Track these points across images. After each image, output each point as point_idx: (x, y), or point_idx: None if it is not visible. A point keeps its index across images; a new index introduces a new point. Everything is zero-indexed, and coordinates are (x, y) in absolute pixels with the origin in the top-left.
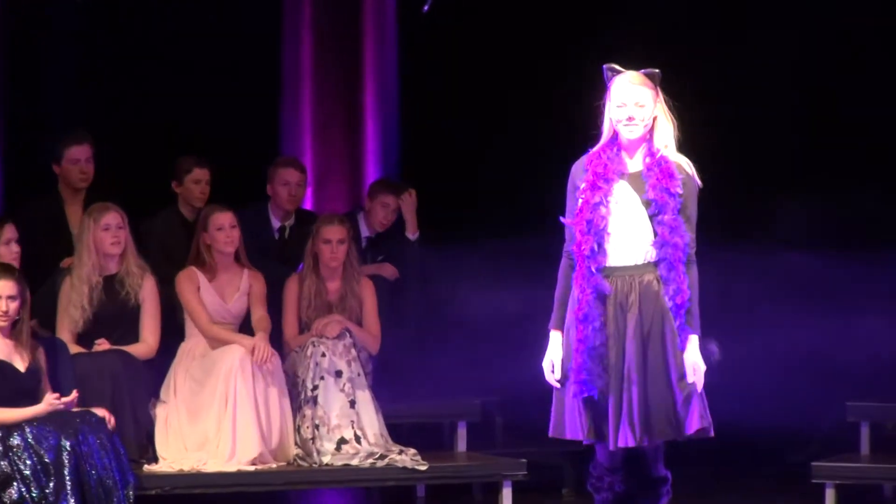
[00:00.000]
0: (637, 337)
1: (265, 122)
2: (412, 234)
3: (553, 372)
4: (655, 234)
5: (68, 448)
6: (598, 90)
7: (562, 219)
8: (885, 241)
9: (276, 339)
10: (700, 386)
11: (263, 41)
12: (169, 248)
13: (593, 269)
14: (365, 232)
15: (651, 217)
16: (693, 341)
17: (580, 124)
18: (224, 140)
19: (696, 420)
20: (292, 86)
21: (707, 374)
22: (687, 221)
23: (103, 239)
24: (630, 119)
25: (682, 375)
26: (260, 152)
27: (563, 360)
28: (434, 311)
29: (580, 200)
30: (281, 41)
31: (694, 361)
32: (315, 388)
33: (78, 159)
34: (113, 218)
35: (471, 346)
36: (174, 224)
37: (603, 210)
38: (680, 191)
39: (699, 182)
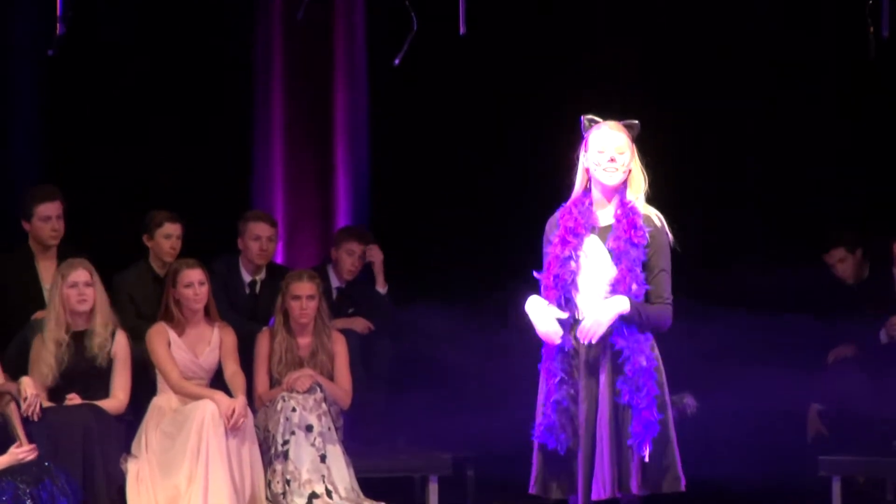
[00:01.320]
0: (608, 389)
1: (236, 174)
2: (381, 287)
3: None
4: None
5: (28, 495)
6: (572, 144)
7: (535, 273)
8: (850, 307)
9: (248, 394)
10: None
11: (235, 94)
12: (139, 302)
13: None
14: (335, 283)
15: (615, 265)
16: (616, 302)
17: (553, 178)
18: (195, 193)
19: (668, 474)
20: (263, 139)
21: (681, 427)
22: (658, 275)
23: (70, 296)
24: (611, 161)
25: (637, 435)
26: (231, 205)
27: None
28: (405, 364)
29: (549, 255)
30: (252, 94)
31: (598, 314)
32: (286, 442)
33: (49, 216)
34: (81, 275)
35: (442, 399)
36: (145, 278)
37: (572, 265)
38: (644, 241)
39: (670, 235)
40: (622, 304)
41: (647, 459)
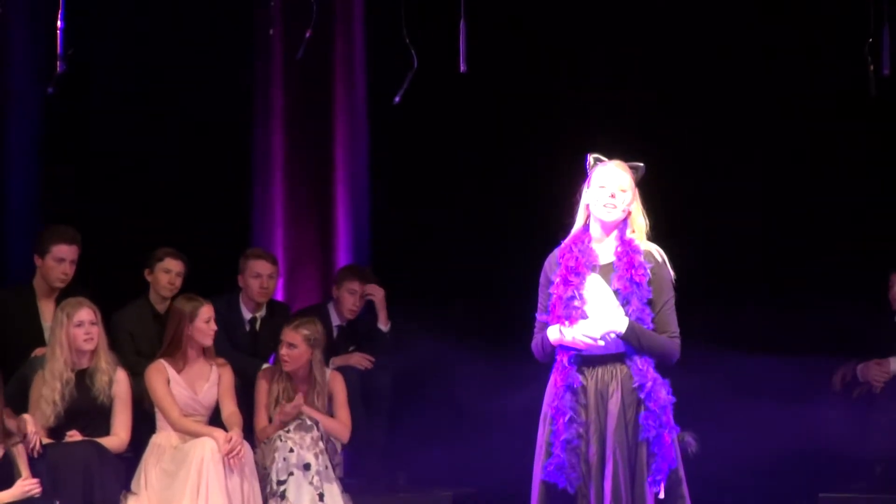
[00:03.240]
0: (620, 427)
1: (236, 212)
2: (384, 325)
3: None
4: None
5: None
6: (573, 181)
7: (538, 315)
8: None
9: (248, 432)
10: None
11: (235, 131)
12: (138, 339)
13: (566, 362)
14: (336, 321)
15: (623, 306)
16: (613, 321)
17: (555, 216)
18: (195, 230)
19: None
20: (263, 176)
21: (685, 461)
22: (662, 310)
23: (76, 335)
24: (612, 196)
25: (659, 470)
26: (231, 243)
27: (540, 449)
28: (406, 401)
29: (553, 296)
30: (252, 131)
31: (590, 329)
32: (282, 482)
33: (63, 258)
34: (86, 314)
35: (443, 435)
36: (145, 316)
37: (576, 303)
38: (646, 278)
39: (672, 272)
40: (619, 324)
41: (661, 496)
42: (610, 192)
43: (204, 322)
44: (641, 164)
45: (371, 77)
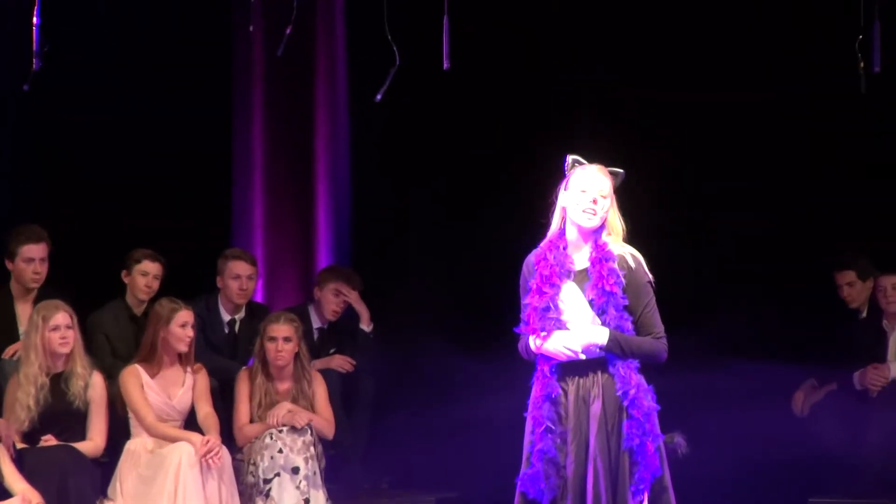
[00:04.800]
0: (601, 434)
1: (215, 212)
2: (367, 326)
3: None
4: None
5: None
6: (557, 180)
7: (516, 329)
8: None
9: (226, 435)
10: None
11: (213, 129)
12: (115, 341)
13: (547, 371)
14: (316, 323)
15: (599, 315)
16: (592, 333)
17: (540, 213)
18: (173, 230)
19: None
20: (243, 175)
21: (673, 467)
22: (643, 313)
23: (52, 339)
24: (594, 202)
25: (642, 480)
26: (210, 243)
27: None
28: (388, 404)
29: (528, 306)
30: (231, 129)
31: (568, 341)
32: (268, 480)
33: (32, 258)
34: (62, 318)
35: (427, 439)
36: (121, 317)
37: (552, 314)
38: (620, 284)
39: (649, 275)
40: (599, 336)
41: None
42: (591, 198)
43: (179, 327)
44: (621, 171)
45: (353, 74)
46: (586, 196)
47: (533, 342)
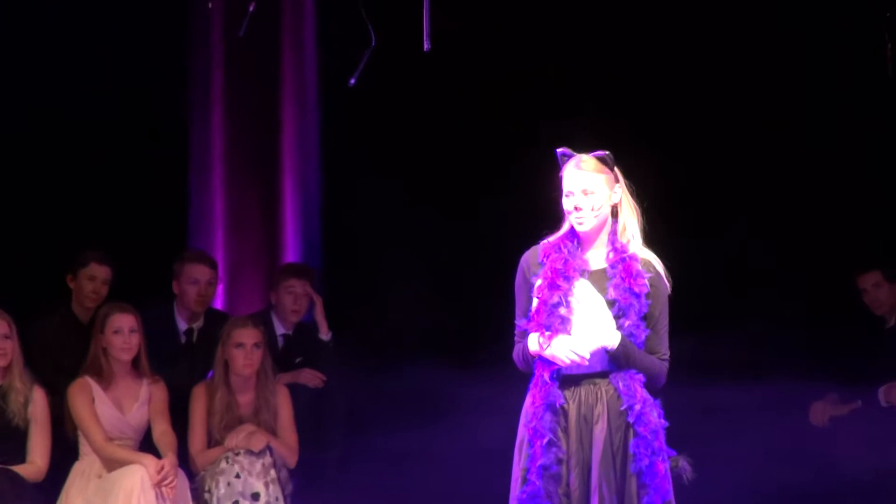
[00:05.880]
0: (606, 457)
1: (170, 209)
2: (325, 334)
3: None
4: None
5: None
6: (550, 173)
7: (518, 323)
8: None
9: (182, 455)
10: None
11: (168, 118)
12: (60, 353)
13: (547, 378)
14: (280, 329)
15: (616, 319)
16: (604, 336)
17: (531, 211)
18: (123, 229)
19: None
20: (201, 168)
21: (678, 492)
22: (656, 328)
23: None
24: (577, 209)
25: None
26: (164, 244)
27: (515, 480)
28: (359, 423)
29: (535, 300)
30: (188, 117)
31: (577, 344)
32: None
33: None
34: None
35: (406, 464)
36: (66, 326)
37: (563, 311)
38: (646, 290)
39: (668, 285)
40: (611, 339)
41: None
42: (574, 203)
43: (113, 333)
44: (606, 152)
45: (323, 57)
46: (570, 201)
47: (531, 343)
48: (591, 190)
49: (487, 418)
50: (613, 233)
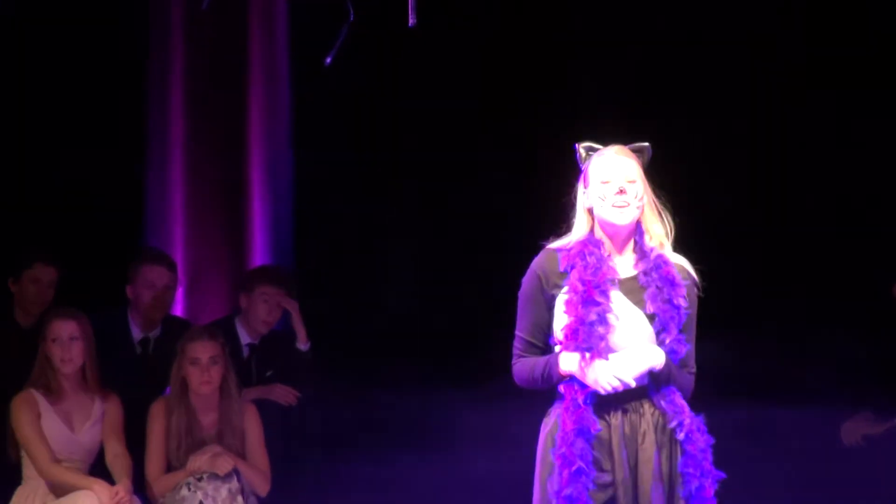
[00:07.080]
0: (655, 478)
1: (124, 203)
2: (303, 344)
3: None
4: None
5: None
6: (548, 170)
7: (518, 333)
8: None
9: (138, 479)
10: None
11: (123, 101)
12: None
13: (581, 401)
14: (245, 338)
15: (656, 334)
16: (650, 354)
17: (523, 212)
18: (72, 226)
19: None
20: (158, 157)
21: None
22: (689, 340)
23: None
24: (621, 192)
25: None
26: (118, 243)
27: None
28: (342, 444)
29: (567, 318)
30: (145, 100)
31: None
32: None
33: None
34: None
35: (391, 491)
36: (7, 335)
37: (601, 330)
38: (684, 303)
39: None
40: (657, 358)
41: None
42: (617, 188)
43: (51, 342)
44: (646, 144)
45: (295, 33)
46: (611, 187)
47: (568, 363)
48: (633, 178)
49: (487, 440)
50: (640, 235)
